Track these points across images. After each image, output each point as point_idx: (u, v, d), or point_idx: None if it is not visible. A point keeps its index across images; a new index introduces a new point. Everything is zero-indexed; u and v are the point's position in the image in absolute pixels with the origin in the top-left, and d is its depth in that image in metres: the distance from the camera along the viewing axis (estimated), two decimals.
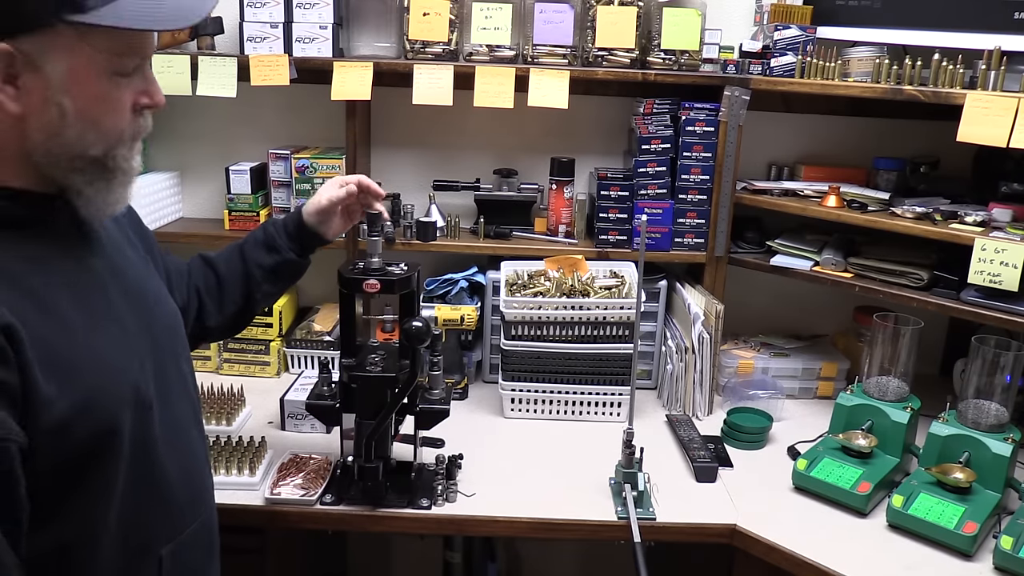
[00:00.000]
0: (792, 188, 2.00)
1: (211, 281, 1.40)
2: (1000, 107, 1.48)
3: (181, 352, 1.16)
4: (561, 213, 2.09)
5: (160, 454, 1.02)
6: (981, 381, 1.56)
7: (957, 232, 1.63)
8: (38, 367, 0.84)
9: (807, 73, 1.86)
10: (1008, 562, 1.37)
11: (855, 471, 1.57)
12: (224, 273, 1.41)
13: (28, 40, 0.84)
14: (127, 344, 0.99)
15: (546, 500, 1.56)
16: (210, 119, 2.16)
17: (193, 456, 1.12)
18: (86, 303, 0.95)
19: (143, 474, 0.99)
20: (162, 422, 1.03)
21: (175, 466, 1.05)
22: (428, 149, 2.19)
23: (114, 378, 0.94)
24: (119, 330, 0.99)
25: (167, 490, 1.04)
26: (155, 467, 1.01)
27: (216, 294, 1.40)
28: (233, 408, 1.78)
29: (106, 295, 0.99)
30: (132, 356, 0.99)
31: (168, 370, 1.08)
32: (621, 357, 1.86)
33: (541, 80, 1.86)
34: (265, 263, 1.42)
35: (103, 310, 0.98)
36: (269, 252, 1.42)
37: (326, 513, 1.51)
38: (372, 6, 1.96)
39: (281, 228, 1.45)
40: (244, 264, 1.42)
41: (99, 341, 0.94)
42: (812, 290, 2.03)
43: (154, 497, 1.01)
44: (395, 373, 1.46)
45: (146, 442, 0.99)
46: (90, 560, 0.94)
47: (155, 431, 1.01)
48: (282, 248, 1.43)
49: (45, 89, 0.87)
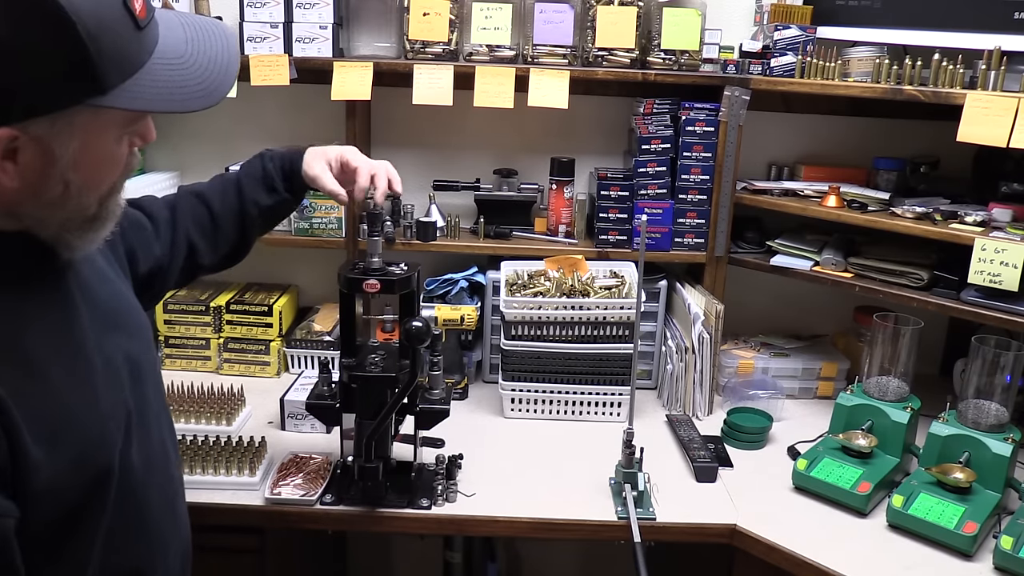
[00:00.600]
0: (792, 188, 2.00)
1: (204, 219, 1.34)
2: (1000, 107, 1.48)
3: (153, 365, 1.10)
4: (561, 213, 2.09)
5: (143, 487, 0.99)
6: (981, 381, 1.56)
7: (957, 232, 1.63)
8: (27, 433, 0.80)
9: (807, 73, 1.86)
10: (1008, 562, 1.37)
11: (855, 471, 1.57)
12: (219, 210, 1.36)
13: (38, 123, 0.78)
14: (112, 383, 0.95)
15: (546, 500, 1.56)
16: (210, 119, 2.16)
17: (171, 474, 1.09)
18: (67, 345, 0.90)
19: (125, 510, 0.96)
20: (144, 451, 0.99)
21: (155, 486, 1.02)
22: (428, 149, 2.19)
23: (104, 426, 0.91)
24: (102, 364, 0.94)
25: (149, 520, 1.01)
26: (138, 500, 0.98)
27: (211, 232, 1.35)
28: (233, 408, 1.78)
29: (82, 326, 0.93)
30: (117, 390, 0.96)
31: (146, 390, 1.03)
32: (621, 357, 1.86)
33: (541, 80, 1.86)
34: (263, 202, 1.38)
35: (83, 346, 0.92)
36: (268, 192, 1.38)
37: (326, 513, 1.51)
38: (372, 6, 1.96)
39: (279, 169, 1.40)
40: (241, 203, 1.37)
41: (84, 390, 0.90)
42: (812, 290, 2.03)
43: (138, 525, 0.99)
44: (395, 373, 1.46)
45: (130, 478, 0.96)
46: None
47: (136, 462, 0.97)
48: (280, 189, 1.39)
49: (50, 167, 0.82)
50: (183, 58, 0.87)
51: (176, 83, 0.86)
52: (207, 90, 0.89)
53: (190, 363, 2.06)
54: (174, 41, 0.88)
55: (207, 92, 0.89)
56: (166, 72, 0.85)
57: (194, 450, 1.56)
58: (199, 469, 1.54)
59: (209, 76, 0.89)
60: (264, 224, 1.43)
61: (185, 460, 1.54)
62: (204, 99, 0.89)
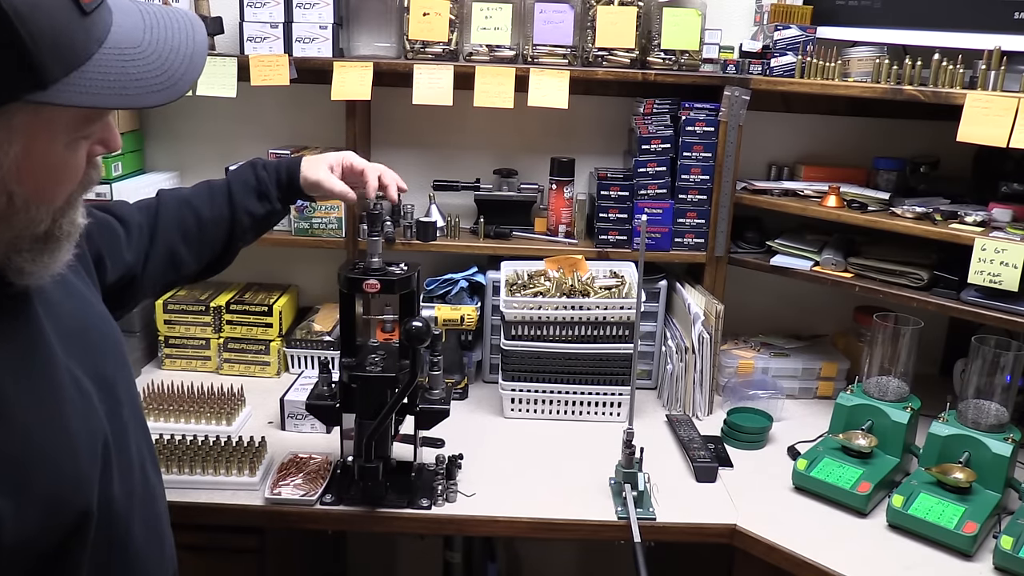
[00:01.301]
0: (792, 188, 2.00)
1: (191, 226, 1.28)
2: (1000, 107, 1.48)
3: (127, 380, 1.00)
4: (561, 213, 2.09)
5: (126, 514, 0.92)
6: (981, 381, 1.56)
7: (957, 232, 1.63)
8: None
9: (807, 73, 1.86)
10: (1008, 562, 1.37)
11: (855, 471, 1.57)
12: (208, 217, 1.29)
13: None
14: (84, 407, 0.87)
15: (546, 500, 1.56)
16: (210, 119, 2.16)
17: (152, 495, 1.01)
18: (32, 379, 0.81)
19: (111, 538, 0.89)
20: (123, 480, 0.92)
21: (139, 521, 0.95)
22: (428, 149, 2.19)
23: (78, 464, 0.83)
24: (74, 393, 0.86)
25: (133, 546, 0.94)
26: (120, 534, 0.91)
27: (196, 240, 1.29)
28: (233, 408, 1.78)
29: (48, 353, 0.84)
30: (92, 419, 0.87)
31: (122, 411, 0.95)
32: (621, 357, 1.86)
33: (541, 80, 1.86)
34: (256, 211, 1.33)
35: (52, 376, 0.84)
36: (260, 200, 1.34)
37: (326, 513, 1.51)
38: (372, 6, 1.96)
39: (273, 179, 1.36)
40: (232, 210, 1.32)
41: (54, 426, 0.82)
42: (812, 290, 2.03)
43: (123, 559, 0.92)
44: (395, 373, 1.46)
45: (108, 510, 0.88)
46: None
47: (116, 492, 0.90)
48: (273, 199, 1.35)
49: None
50: (140, 47, 0.78)
51: (131, 75, 0.76)
52: (167, 83, 0.79)
53: (190, 363, 2.06)
54: (130, 28, 0.78)
55: (167, 85, 0.79)
56: (119, 63, 0.76)
57: (194, 450, 1.56)
58: (199, 469, 1.54)
59: (171, 67, 0.80)
60: (253, 233, 1.38)
61: (185, 460, 1.54)
62: (164, 93, 0.79)
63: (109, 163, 1.94)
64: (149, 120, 2.16)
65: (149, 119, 2.16)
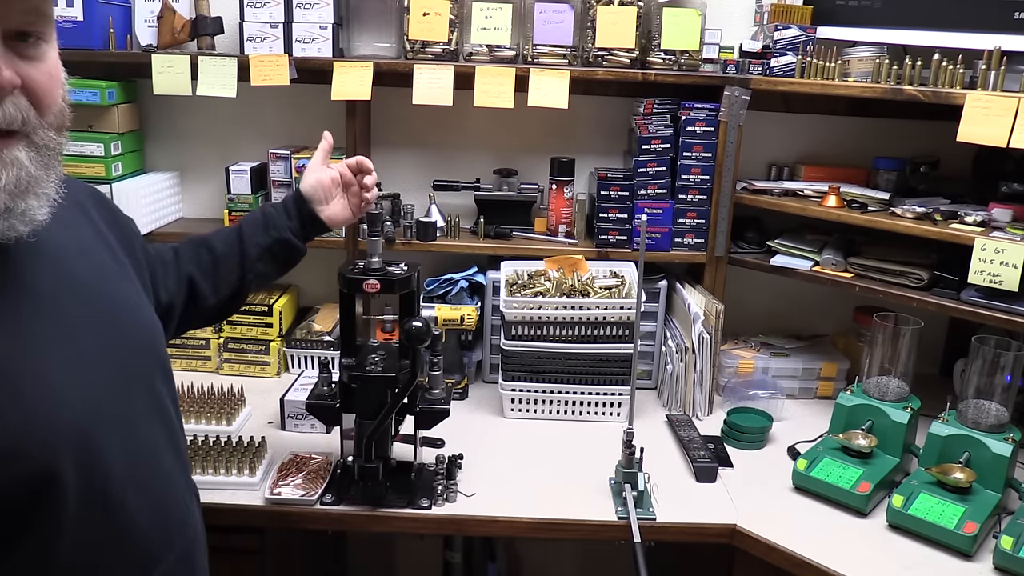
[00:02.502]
0: (792, 188, 2.00)
1: (206, 261, 1.34)
2: (1000, 107, 1.48)
3: (155, 370, 1.03)
4: (561, 213, 2.09)
5: (120, 494, 0.90)
6: (981, 381, 1.56)
7: (957, 232, 1.63)
8: None
9: (807, 73, 1.86)
10: (1008, 562, 1.36)
11: (855, 471, 1.57)
12: (220, 252, 1.36)
13: None
14: (83, 374, 0.88)
15: (546, 500, 1.56)
16: (210, 119, 2.16)
17: (166, 487, 1.00)
18: (27, 333, 0.83)
19: (97, 518, 0.88)
20: (125, 456, 0.92)
21: (141, 504, 0.94)
22: (428, 149, 2.19)
23: (51, 420, 0.83)
24: (73, 357, 0.88)
25: (130, 532, 0.92)
26: (113, 509, 0.90)
27: (211, 274, 1.34)
28: (233, 408, 1.78)
29: (58, 316, 0.88)
30: (83, 389, 0.88)
31: (135, 392, 0.97)
32: (621, 357, 1.86)
33: (541, 80, 1.86)
34: (262, 242, 1.38)
35: (52, 336, 0.86)
36: (266, 231, 1.39)
37: (326, 513, 1.51)
38: (372, 6, 1.96)
39: (280, 209, 1.42)
40: (241, 243, 1.38)
41: (37, 379, 0.83)
42: (812, 290, 2.03)
43: (113, 541, 0.91)
44: (395, 373, 1.46)
45: (100, 484, 0.88)
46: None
47: (113, 469, 0.89)
48: (281, 228, 1.40)
49: None
50: None
51: None
52: None
53: (190, 363, 2.06)
54: None
55: None
56: None
57: (194, 450, 1.56)
58: (199, 469, 1.54)
59: None
60: (265, 266, 1.40)
61: None
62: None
63: (109, 163, 1.94)
64: (149, 120, 2.16)
65: (149, 119, 2.16)
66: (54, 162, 0.85)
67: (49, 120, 0.84)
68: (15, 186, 0.80)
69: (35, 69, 0.81)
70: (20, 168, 0.80)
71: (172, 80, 1.88)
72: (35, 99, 0.81)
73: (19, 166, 0.80)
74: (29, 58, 0.81)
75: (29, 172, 0.81)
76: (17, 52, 0.80)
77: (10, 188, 0.79)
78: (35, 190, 0.82)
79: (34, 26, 0.81)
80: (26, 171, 0.80)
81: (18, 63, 0.80)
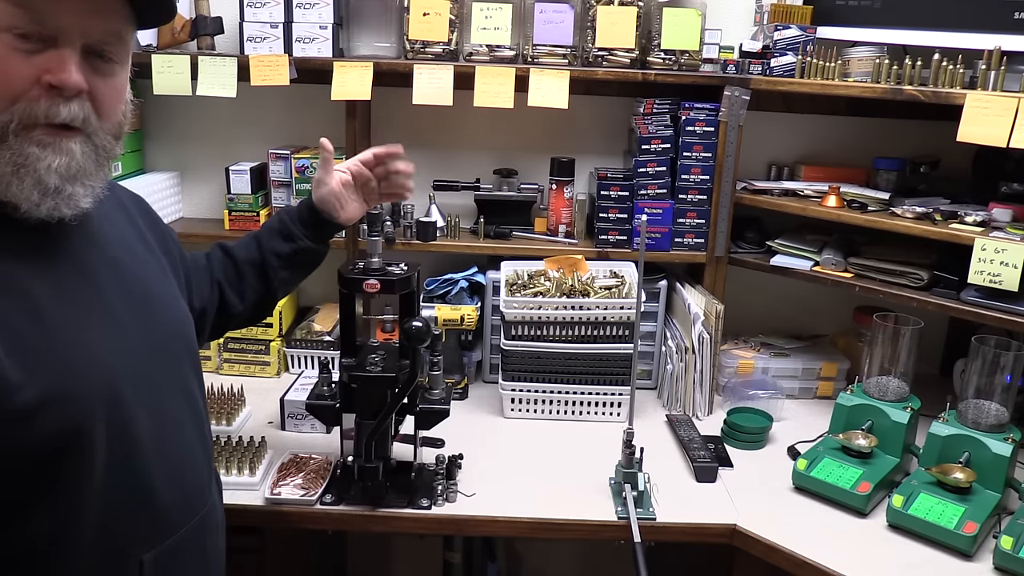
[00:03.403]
0: (792, 188, 2.00)
1: (230, 271, 1.40)
2: (1000, 107, 1.48)
3: (185, 356, 1.12)
4: (561, 213, 2.09)
5: (146, 459, 0.98)
6: (981, 381, 1.56)
7: (957, 232, 1.63)
8: (2, 351, 0.82)
9: (807, 73, 1.86)
10: (1008, 562, 1.36)
11: (855, 471, 1.57)
12: (242, 262, 1.41)
13: None
14: (117, 342, 0.97)
15: (546, 500, 1.56)
16: (210, 119, 2.16)
17: (187, 460, 1.07)
18: (71, 297, 0.93)
19: (124, 479, 0.96)
20: (152, 425, 0.99)
21: (164, 471, 1.01)
22: (428, 149, 2.19)
23: (89, 375, 0.91)
24: (111, 326, 0.97)
25: (152, 495, 0.99)
26: (139, 471, 0.98)
27: (236, 284, 1.40)
28: (233, 408, 1.78)
29: (100, 290, 0.97)
30: (120, 355, 0.96)
31: (165, 373, 1.05)
32: (621, 357, 1.86)
33: (541, 80, 1.86)
34: (281, 251, 1.42)
35: (92, 305, 0.95)
36: (285, 240, 1.42)
37: (326, 513, 1.51)
38: (372, 6, 1.96)
39: (295, 216, 1.44)
40: (261, 253, 1.42)
41: (78, 335, 0.92)
42: (812, 290, 2.03)
43: (135, 502, 0.98)
44: (395, 373, 1.46)
45: (128, 446, 0.96)
46: (60, 564, 0.91)
47: (141, 433, 0.97)
48: (297, 236, 1.42)
49: None
50: None
51: None
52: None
53: None
54: None
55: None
56: None
57: None
58: None
59: None
60: (289, 274, 1.45)
61: None
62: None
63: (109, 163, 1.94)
64: (149, 120, 2.16)
65: (149, 119, 2.16)
66: (105, 163, 0.96)
67: (107, 128, 0.94)
68: (66, 170, 0.90)
69: (104, 83, 0.92)
70: (72, 157, 0.90)
71: (172, 80, 1.88)
72: (98, 107, 0.92)
73: (71, 155, 0.90)
74: (102, 74, 0.92)
75: (79, 163, 0.91)
76: (92, 66, 0.91)
77: (61, 171, 0.89)
78: (83, 180, 0.92)
79: (111, 47, 0.92)
80: (76, 161, 0.91)
81: (90, 75, 0.90)
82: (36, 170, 0.88)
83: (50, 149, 0.88)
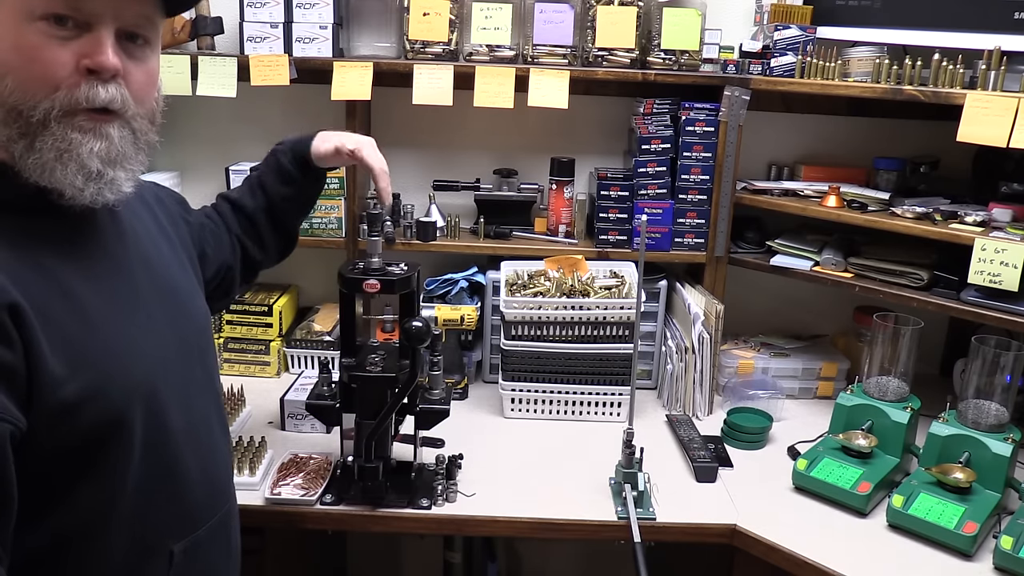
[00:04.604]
0: (792, 188, 2.00)
1: (244, 222, 1.42)
2: (1000, 107, 1.48)
3: (208, 350, 1.16)
4: (561, 213, 2.09)
5: (178, 451, 1.01)
6: (981, 381, 1.56)
7: (957, 232, 1.63)
8: (47, 346, 0.84)
9: (807, 73, 1.86)
10: (1008, 562, 1.37)
11: (855, 471, 1.57)
12: (252, 209, 1.43)
13: None
14: (151, 336, 0.99)
15: (546, 500, 1.56)
16: (210, 119, 2.16)
17: (214, 453, 1.11)
18: (109, 290, 0.95)
19: (158, 471, 0.98)
20: (183, 418, 1.02)
21: (194, 463, 1.04)
22: (428, 149, 2.19)
23: (128, 368, 0.94)
24: (145, 320, 0.99)
25: (184, 487, 1.03)
26: (172, 463, 1.01)
27: (252, 233, 1.43)
28: (233, 408, 1.78)
29: (133, 285, 1.00)
30: (154, 349, 0.99)
31: (193, 367, 1.08)
32: (621, 357, 1.86)
33: (541, 80, 1.86)
34: (287, 194, 1.44)
35: (127, 299, 0.98)
36: (287, 184, 1.44)
37: (326, 513, 1.51)
38: (372, 6, 1.96)
39: (292, 162, 1.44)
40: (267, 198, 1.43)
41: (117, 329, 0.94)
42: (812, 290, 2.03)
43: (168, 493, 1.00)
44: (395, 373, 1.46)
45: (162, 437, 0.98)
46: (94, 554, 0.93)
47: (173, 426, 1.00)
48: (297, 179, 1.44)
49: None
50: None
51: None
52: None
53: None
54: None
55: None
56: None
57: None
58: None
59: None
60: (297, 211, 1.49)
61: None
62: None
63: None
64: None
65: None
66: (143, 147, 0.98)
67: (142, 112, 0.96)
68: (106, 154, 0.91)
69: (137, 68, 0.94)
70: (111, 142, 0.92)
71: (172, 80, 1.88)
72: (133, 91, 0.93)
73: (110, 140, 0.92)
74: (135, 58, 0.94)
75: (118, 147, 0.93)
76: (125, 50, 0.92)
77: (101, 155, 0.91)
78: (123, 164, 0.94)
79: (143, 29, 0.94)
80: (115, 145, 0.92)
81: (124, 59, 0.92)
82: (79, 155, 0.89)
83: (91, 134, 0.90)
